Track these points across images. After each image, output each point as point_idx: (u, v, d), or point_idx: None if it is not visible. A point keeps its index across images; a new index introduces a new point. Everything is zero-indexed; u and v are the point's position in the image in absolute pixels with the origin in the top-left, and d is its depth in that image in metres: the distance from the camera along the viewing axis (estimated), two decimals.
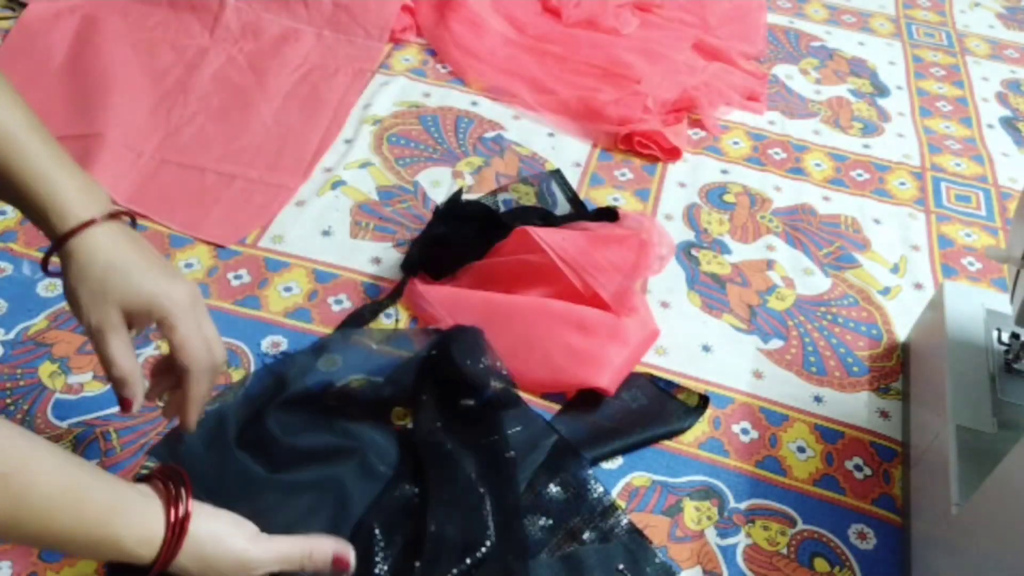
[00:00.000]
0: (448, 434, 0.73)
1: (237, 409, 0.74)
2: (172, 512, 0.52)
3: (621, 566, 0.68)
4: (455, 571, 0.64)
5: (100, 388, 0.77)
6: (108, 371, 0.56)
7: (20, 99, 0.57)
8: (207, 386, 0.60)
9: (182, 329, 0.57)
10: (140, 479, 0.56)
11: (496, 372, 0.79)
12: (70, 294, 0.56)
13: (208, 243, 0.91)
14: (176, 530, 0.52)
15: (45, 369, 0.78)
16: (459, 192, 0.98)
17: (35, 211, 0.55)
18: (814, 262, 0.98)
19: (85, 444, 0.72)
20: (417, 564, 0.64)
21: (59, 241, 0.55)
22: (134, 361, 0.57)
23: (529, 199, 1.00)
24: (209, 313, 0.60)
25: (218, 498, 0.59)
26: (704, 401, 0.81)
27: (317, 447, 0.72)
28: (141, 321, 0.57)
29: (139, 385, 0.58)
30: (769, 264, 0.97)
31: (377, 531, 0.66)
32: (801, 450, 0.79)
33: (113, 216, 0.57)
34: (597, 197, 1.03)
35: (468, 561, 0.65)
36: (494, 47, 1.24)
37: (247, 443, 0.71)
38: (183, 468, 0.56)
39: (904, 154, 1.17)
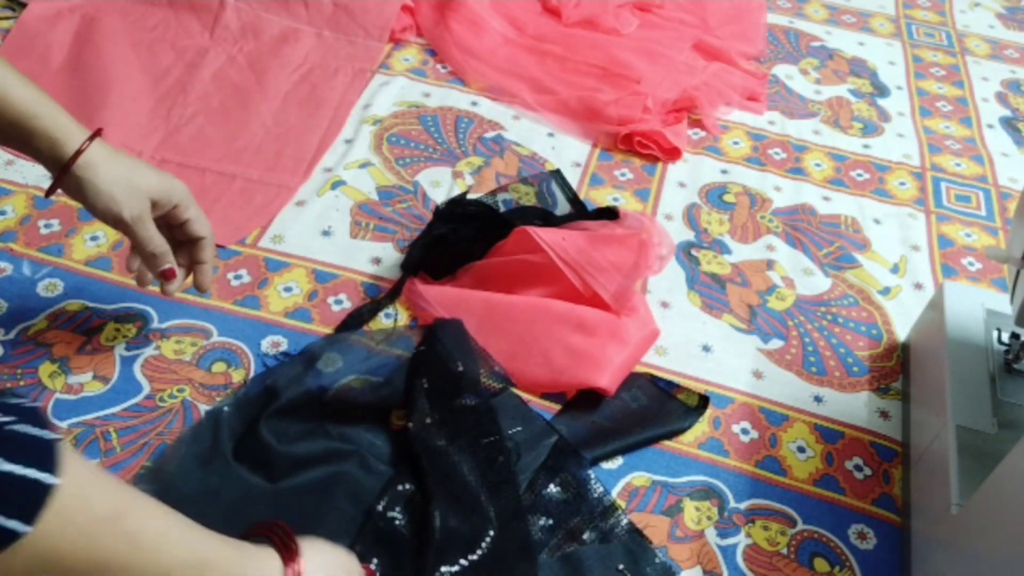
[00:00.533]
0: (442, 431, 0.73)
1: (230, 422, 0.74)
2: (290, 565, 0.52)
3: (621, 566, 0.68)
4: (464, 561, 0.64)
5: (100, 388, 0.77)
6: (149, 249, 0.70)
7: None
8: (214, 251, 0.76)
9: (194, 209, 0.72)
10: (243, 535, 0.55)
11: (486, 363, 0.79)
12: (103, 196, 0.66)
13: None
14: None
15: (45, 369, 0.78)
16: (463, 194, 0.98)
17: (42, 137, 0.64)
18: (814, 262, 0.98)
19: (85, 444, 0.72)
20: (426, 556, 0.64)
21: (74, 157, 0.65)
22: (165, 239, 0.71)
23: (529, 199, 1.00)
24: None
25: (218, 514, 0.59)
26: (704, 401, 0.81)
27: (315, 453, 0.72)
28: (161, 208, 0.70)
29: (173, 257, 0.72)
30: (769, 264, 0.97)
31: (398, 517, 0.67)
32: (801, 450, 0.79)
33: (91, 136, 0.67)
34: (597, 197, 1.03)
35: (474, 556, 0.65)
36: (494, 47, 1.24)
37: (244, 456, 0.71)
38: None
39: (904, 154, 1.17)
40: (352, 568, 0.58)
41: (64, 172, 0.65)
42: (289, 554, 0.53)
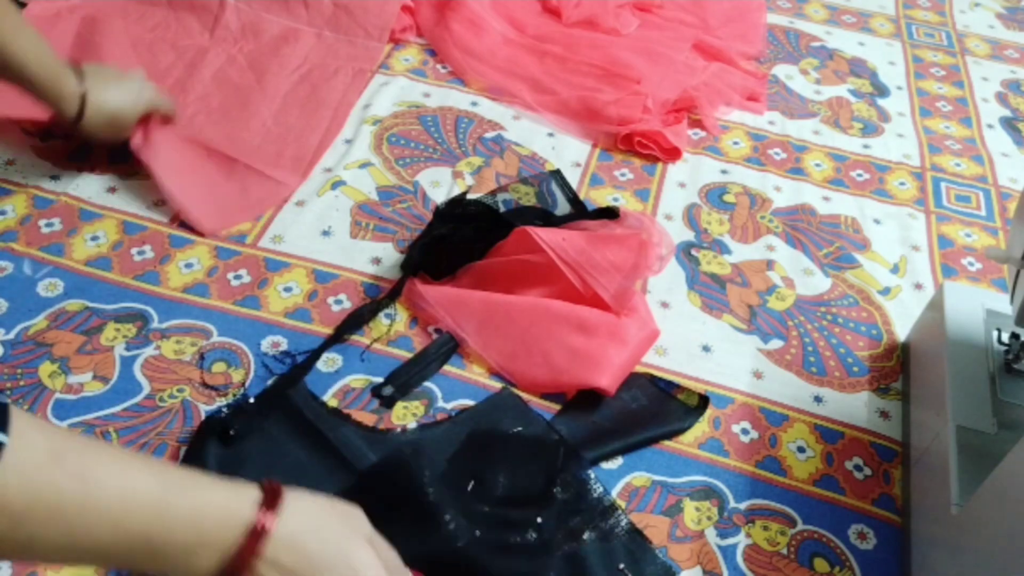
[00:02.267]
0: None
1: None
2: (268, 508, 0.47)
3: (622, 566, 0.68)
4: None
5: (100, 388, 0.77)
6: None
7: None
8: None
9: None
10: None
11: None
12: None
13: (198, 233, 0.91)
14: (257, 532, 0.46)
15: (45, 369, 0.78)
16: (463, 194, 0.98)
17: (46, 96, 0.83)
18: (814, 262, 0.98)
19: None
20: None
21: (75, 122, 0.86)
22: None
23: (529, 199, 1.00)
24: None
25: None
26: (704, 401, 0.81)
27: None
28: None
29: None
30: (769, 264, 0.97)
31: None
32: (801, 450, 0.79)
33: (75, 64, 0.87)
34: (597, 197, 1.03)
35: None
36: (494, 47, 1.24)
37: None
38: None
39: (904, 154, 1.17)
40: (351, 520, 0.52)
41: (71, 131, 0.89)
42: (271, 497, 0.47)
